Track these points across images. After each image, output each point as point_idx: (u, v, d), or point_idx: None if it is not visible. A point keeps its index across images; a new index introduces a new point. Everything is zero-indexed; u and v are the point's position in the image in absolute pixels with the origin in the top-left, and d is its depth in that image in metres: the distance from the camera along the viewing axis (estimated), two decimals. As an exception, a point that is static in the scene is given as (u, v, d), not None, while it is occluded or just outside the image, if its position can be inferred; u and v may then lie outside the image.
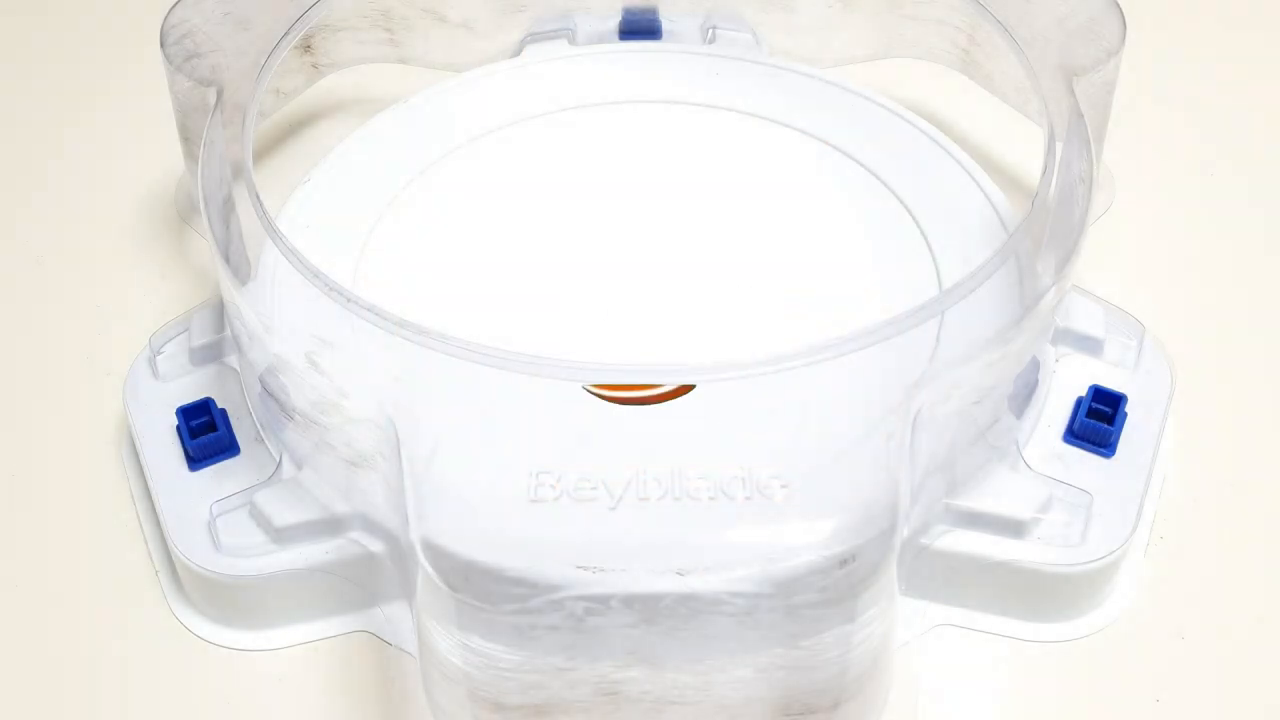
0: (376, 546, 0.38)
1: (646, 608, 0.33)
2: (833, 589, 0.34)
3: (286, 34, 0.45)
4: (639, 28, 0.52)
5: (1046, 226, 0.39)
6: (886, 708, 0.37)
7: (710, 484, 0.35)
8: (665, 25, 0.52)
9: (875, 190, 0.46)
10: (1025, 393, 0.40)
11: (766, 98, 0.49)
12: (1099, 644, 0.40)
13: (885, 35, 0.50)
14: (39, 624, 0.40)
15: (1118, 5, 0.44)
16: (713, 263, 0.44)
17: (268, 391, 0.40)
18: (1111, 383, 0.42)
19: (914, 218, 0.45)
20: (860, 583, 0.34)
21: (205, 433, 0.41)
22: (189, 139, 0.45)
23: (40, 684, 0.39)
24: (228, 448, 0.41)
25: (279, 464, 0.40)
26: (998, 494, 0.39)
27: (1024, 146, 0.46)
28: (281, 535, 0.39)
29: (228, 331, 0.43)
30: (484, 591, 0.33)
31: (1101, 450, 0.41)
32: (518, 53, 0.52)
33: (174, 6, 0.45)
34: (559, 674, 0.34)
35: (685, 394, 0.38)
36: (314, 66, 0.50)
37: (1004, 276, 0.40)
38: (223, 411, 0.41)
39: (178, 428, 0.41)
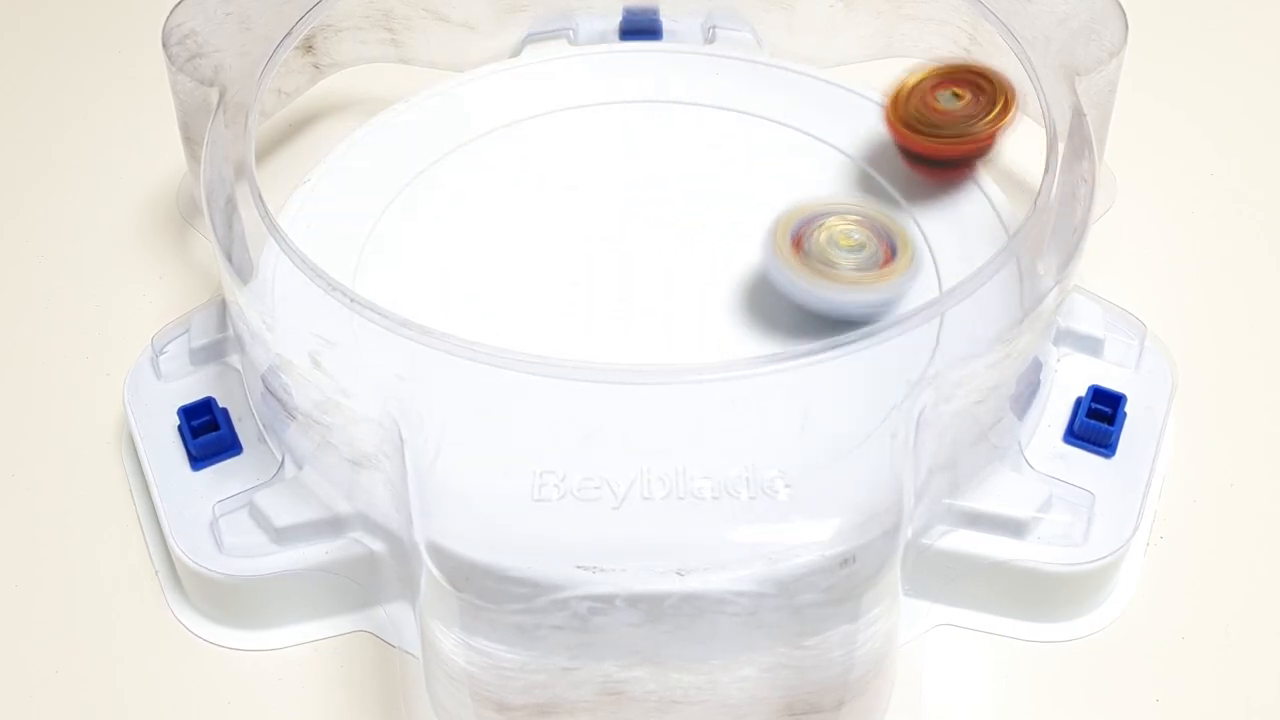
0: (378, 546, 0.38)
1: (650, 607, 0.33)
2: (836, 589, 0.34)
3: (288, 34, 0.45)
4: (639, 28, 0.52)
5: (1048, 227, 0.39)
6: (889, 707, 0.37)
7: (714, 483, 0.35)
8: (665, 25, 0.52)
9: (875, 190, 0.46)
10: (1027, 393, 0.41)
11: (766, 98, 0.49)
12: (1099, 644, 0.40)
13: (886, 35, 0.51)
14: (39, 624, 0.40)
15: (1119, 5, 0.44)
16: (714, 262, 0.44)
17: (270, 391, 0.40)
18: (1112, 383, 0.42)
19: (914, 218, 0.45)
20: (864, 582, 0.34)
21: (207, 432, 0.41)
22: (191, 139, 0.45)
23: (40, 684, 0.39)
24: (229, 447, 0.41)
25: (281, 464, 0.40)
26: (999, 494, 0.39)
27: (1025, 147, 0.46)
28: (283, 535, 0.39)
29: (229, 331, 0.43)
30: (488, 591, 0.33)
31: (1102, 450, 0.41)
32: (518, 53, 0.52)
33: (176, 7, 0.45)
34: (563, 673, 0.34)
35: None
36: (315, 66, 0.50)
37: (1005, 277, 0.40)
38: (224, 411, 0.41)
39: (179, 427, 0.41)
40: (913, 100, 0.44)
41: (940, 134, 0.44)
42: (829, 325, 0.40)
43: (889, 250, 0.41)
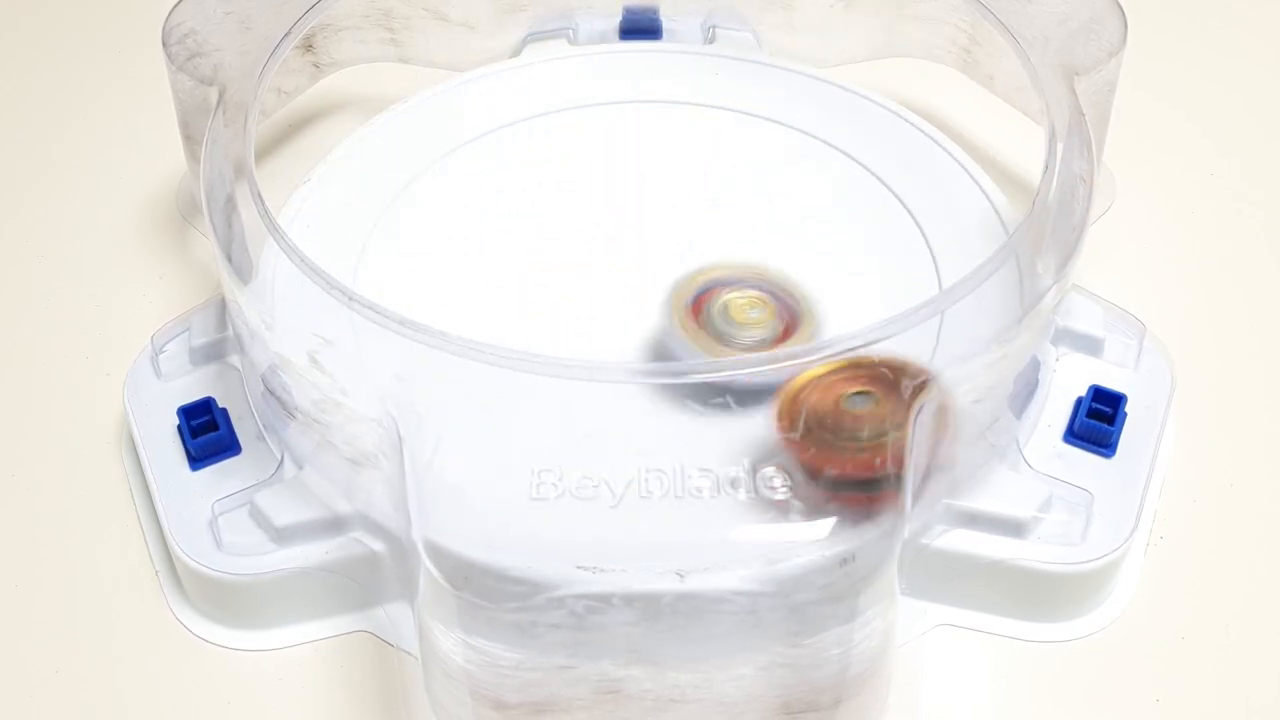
0: (378, 546, 0.38)
1: (647, 606, 0.33)
2: (834, 588, 0.34)
3: (288, 33, 0.45)
4: (639, 27, 0.52)
5: (1047, 226, 0.39)
6: (887, 707, 0.37)
7: (712, 482, 0.35)
8: (665, 25, 0.52)
9: (875, 190, 0.46)
10: (1025, 392, 0.40)
11: (766, 98, 0.49)
12: (1099, 644, 0.40)
13: (885, 35, 0.51)
14: (39, 624, 0.40)
15: (1119, 5, 0.44)
16: (713, 263, 0.44)
17: (269, 390, 0.40)
18: (1111, 382, 0.42)
19: (914, 218, 0.45)
20: (861, 581, 0.34)
21: (206, 432, 0.41)
22: (191, 138, 0.45)
23: (40, 684, 0.39)
24: (229, 447, 0.41)
25: (280, 463, 0.40)
26: (998, 493, 0.39)
27: (1024, 146, 0.46)
28: (282, 535, 0.39)
29: (229, 331, 0.43)
30: (485, 590, 0.33)
31: (1102, 450, 0.41)
32: (518, 53, 0.52)
33: (175, 6, 0.45)
34: (560, 672, 0.34)
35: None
36: (315, 66, 0.50)
37: (1004, 276, 0.40)
38: (224, 411, 0.41)
39: (179, 427, 0.41)
40: (809, 402, 0.35)
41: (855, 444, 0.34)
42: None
43: (790, 324, 0.40)
